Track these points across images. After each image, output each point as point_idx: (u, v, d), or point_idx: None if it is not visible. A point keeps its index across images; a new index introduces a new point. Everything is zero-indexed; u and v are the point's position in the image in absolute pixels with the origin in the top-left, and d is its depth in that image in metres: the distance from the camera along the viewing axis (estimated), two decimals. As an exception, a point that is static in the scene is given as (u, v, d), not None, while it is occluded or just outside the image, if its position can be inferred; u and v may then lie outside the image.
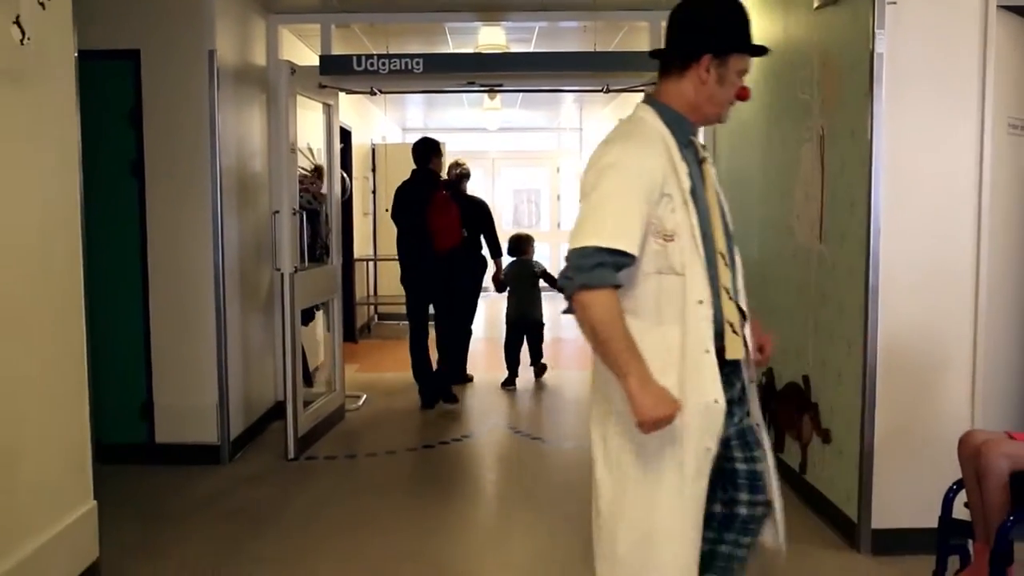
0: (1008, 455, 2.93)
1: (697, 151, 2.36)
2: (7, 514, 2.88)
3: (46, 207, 3.14)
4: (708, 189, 2.34)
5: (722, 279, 2.29)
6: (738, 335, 2.29)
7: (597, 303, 2.13)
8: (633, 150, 2.23)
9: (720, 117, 2.40)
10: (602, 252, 2.13)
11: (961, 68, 3.61)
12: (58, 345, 3.21)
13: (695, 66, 2.31)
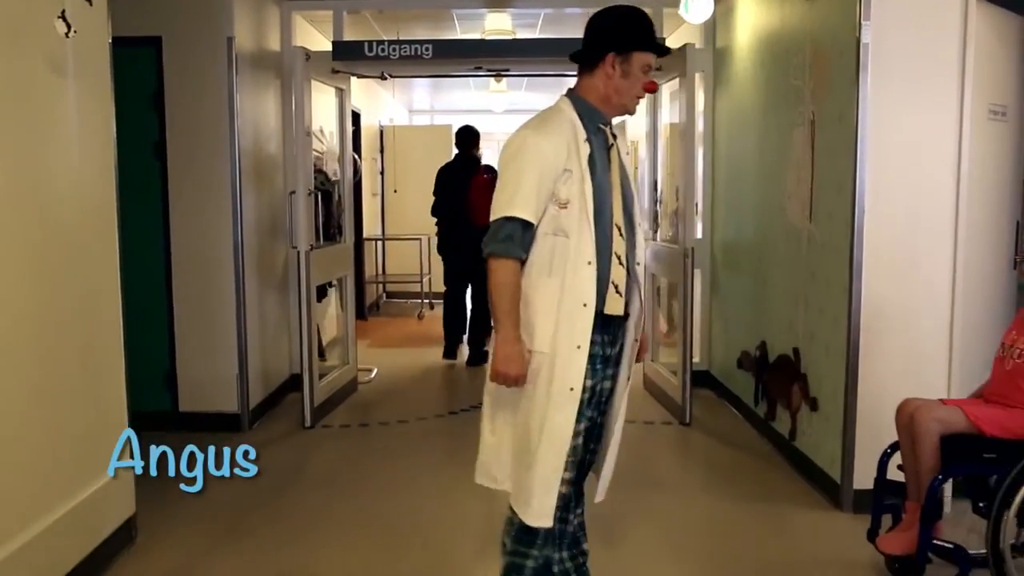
0: (938, 419, 3.13)
1: (607, 137, 2.75)
2: (57, 469, 3.14)
3: (88, 188, 3.39)
4: (613, 170, 2.72)
5: (614, 247, 2.68)
6: (620, 295, 2.68)
7: (500, 270, 2.61)
8: (538, 137, 2.64)
9: (628, 108, 2.78)
10: (510, 222, 2.59)
11: (942, 57, 3.82)
12: (98, 314, 3.45)
13: (602, 64, 2.70)
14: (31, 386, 2.97)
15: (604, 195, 2.70)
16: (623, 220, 2.72)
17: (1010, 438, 3.08)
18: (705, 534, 3.89)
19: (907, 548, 3.17)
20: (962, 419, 3.14)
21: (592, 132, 2.71)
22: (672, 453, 5.18)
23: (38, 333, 3.02)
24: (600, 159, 2.70)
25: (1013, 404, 3.16)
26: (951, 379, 3.93)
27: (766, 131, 5.15)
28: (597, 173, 2.68)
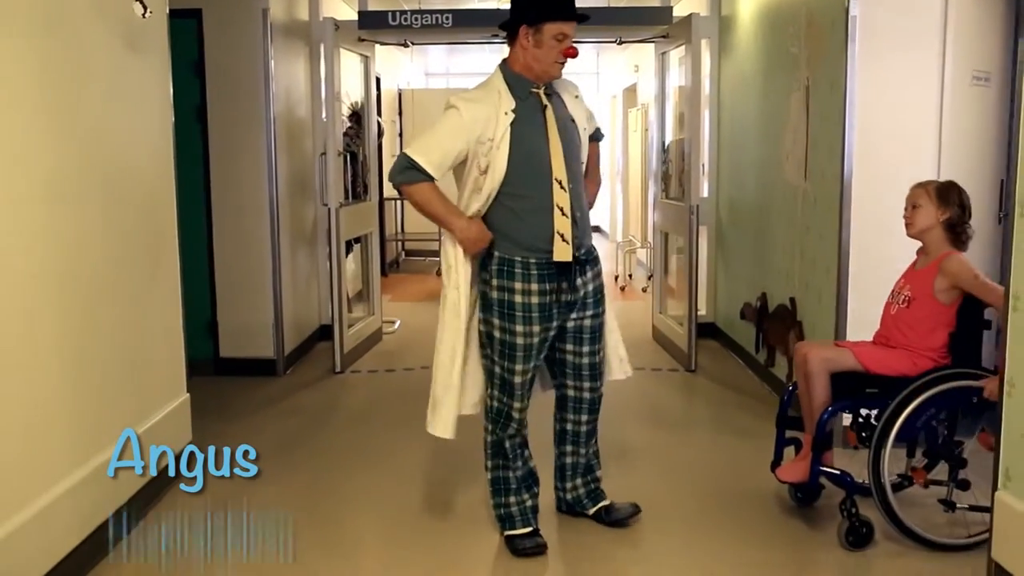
0: (827, 359, 3.37)
1: (540, 100, 3.11)
2: (142, 392, 3.55)
3: (153, 150, 3.78)
4: (550, 129, 3.10)
5: (556, 200, 3.08)
6: (567, 243, 3.08)
7: (413, 192, 3.12)
8: (469, 105, 3.07)
9: (551, 72, 3.10)
10: (412, 161, 3.07)
11: (925, 27, 4.14)
12: (161, 261, 3.86)
13: (519, 36, 3.07)
14: (105, 324, 3.36)
15: (538, 156, 3.07)
16: (565, 174, 3.08)
17: (890, 375, 3.32)
18: (705, 463, 4.27)
19: (801, 476, 3.40)
20: (850, 358, 3.36)
21: (521, 98, 3.08)
22: (678, 396, 5.59)
23: (116, 273, 3.41)
24: (531, 122, 3.08)
25: (895, 345, 3.38)
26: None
27: (766, 96, 5.48)
28: (527, 137, 3.06)
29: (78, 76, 3.14)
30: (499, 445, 3.33)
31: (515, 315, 3.15)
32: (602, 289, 3.35)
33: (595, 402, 3.42)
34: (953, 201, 3.32)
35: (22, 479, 2.78)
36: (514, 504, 3.35)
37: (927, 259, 3.38)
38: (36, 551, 2.80)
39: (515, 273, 3.14)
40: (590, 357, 3.34)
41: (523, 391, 3.25)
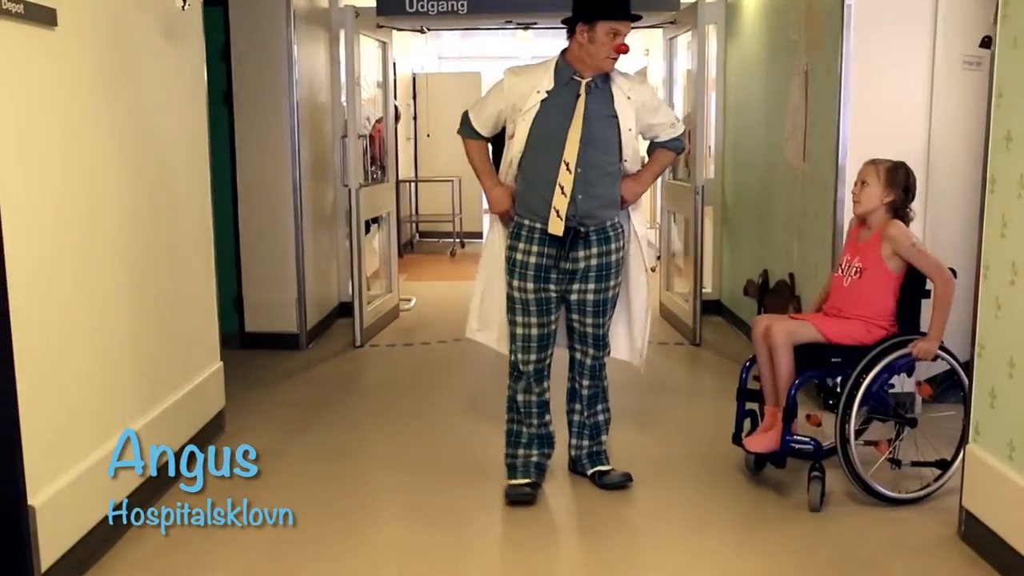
0: (790, 331, 3.50)
1: (578, 87, 3.41)
2: (183, 358, 3.83)
3: (190, 134, 4.05)
4: (576, 116, 3.39)
5: (560, 179, 3.39)
6: (560, 219, 3.40)
7: (467, 145, 3.64)
8: (510, 76, 3.51)
9: (603, 67, 3.40)
10: (466, 118, 3.60)
11: (916, 16, 4.36)
12: (197, 237, 4.13)
13: (576, 32, 3.38)
14: (149, 300, 3.64)
15: (554, 135, 3.39)
16: (575, 157, 3.38)
17: (848, 343, 3.48)
18: (708, 425, 4.52)
19: (770, 446, 3.52)
20: (811, 330, 3.50)
21: (562, 83, 3.41)
22: (683, 367, 5.86)
23: (161, 247, 3.69)
24: (560, 105, 3.39)
25: (849, 316, 3.53)
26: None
27: (769, 80, 5.71)
28: (551, 117, 3.39)
29: (126, 65, 3.41)
30: (513, 400, 3.67)
31: (515, 271, 3.52)
32: (612, 266, 3.57)
33: (595, 369, 3.70)
34: (899, 184, 3.48)
35: (94, 426, 3.06)
36: (520, 456, 3.67)
37: (869, 232, 3.54)
38: (106, 483, 3.08)
39: (521, 234, 3.51)
40: (593, 328, 3.61)
41: (527, 344, 3.57)
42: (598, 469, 3.75)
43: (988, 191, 3.03)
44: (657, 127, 3.62)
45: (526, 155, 3.46)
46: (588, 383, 3.71)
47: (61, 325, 2.93)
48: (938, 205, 4.50)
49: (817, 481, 3.43)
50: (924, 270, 3.44)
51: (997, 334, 2.99)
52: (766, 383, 3.61)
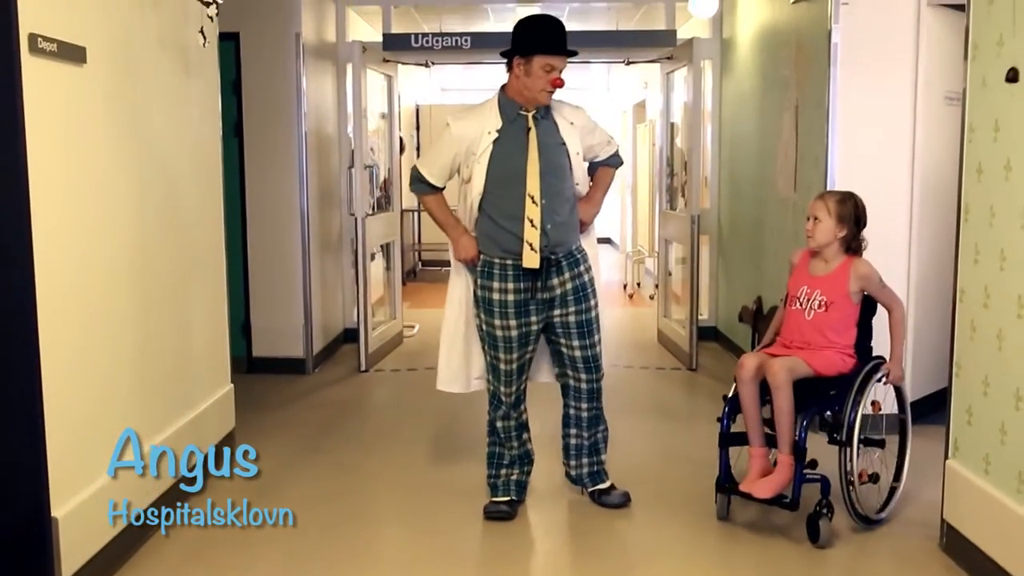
0: (791, 369, 3.37)
1: (526, 123, 3.48)
2: (196, 380, 3.98)
3: (204, 164, 4.23)
4: (531, 150, 3.46)
5: (527, 213, 3.46)
6: (535, 252, 3.46)
7: (423, 200, 3.72)
8: (459, 122, 3.55)
9: (540, 99, 3.47)
10: (418, 173, 3.65)
11: (899, 53, 4.56)
12: (210, 264, 4.30)
13: (512, 66, 3.47)
14: (164, 324, 3.80)
15: (514, 172, 3.45)
16: (539, 190, 3.45)
17: (837, 374, 3.46)
18: (703, 447, 4.65)
19: (780, 488, 3.38)
20: (803, 365, 3.40)
21: (509, 119, 3.47)
22: (679, 392, 6.00)
23: (175, 273, 3.86)
24: (513, 142, 3.46)
25: (819, 348, 3.46)
26: (907, 322, 4.69)
27: (762, 114, 5.91)
28: (506, 154, 3.45)
29: (147, 99, 3.60)
30: (493, 424, 3.77)
31: (493, 310, 3.57)
32: (588, 286, 3.64)
33: (592, 392, 3.77)
34: (849, 218, 3.46)
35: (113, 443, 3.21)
36: (501, 476, 3.79)
37: (828, 265, 3.52)
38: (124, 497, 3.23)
39: (494, 273, 3.55)
40: (582, 351, 3.68)
41: (509, 378, 3.65)
42: (599, 488, 3.85)
43: (962, 220, 3.20)
44: (596, 147, 3.73)
45: (486, 196, 3.50)
46: (587, 405, 3.78)
47: (83, 348, 3.09)
48: (923, 233, 4.67)
49: (827, 519, 3.38)
50: (885, 302, 3.54)
51: (972, 355, 3.15)
52: (753, 424, 3.52)
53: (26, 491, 2.82)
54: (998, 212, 2.96)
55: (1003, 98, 2.94)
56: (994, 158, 2.99)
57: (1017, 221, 2.84)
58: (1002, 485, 2.95)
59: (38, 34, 2.75)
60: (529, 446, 3.86)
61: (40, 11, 2.78)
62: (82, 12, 3.07)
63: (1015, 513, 2.85)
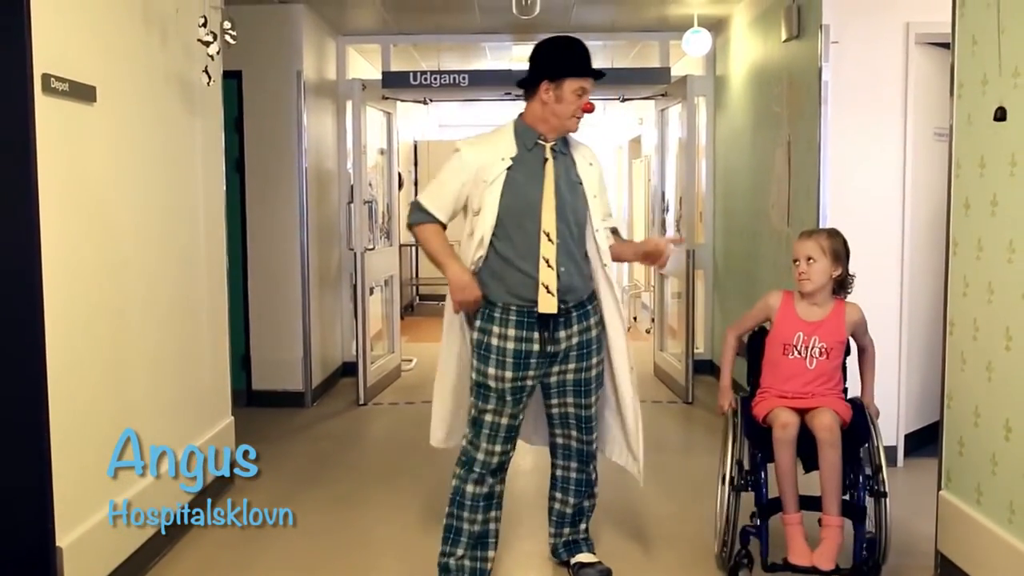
0: (838, 415, 3.13)
1: (544, 153, 3.16)
2: (198, 411, 4.03)
3: (209, 200, 4.31)
4: (546, 183, 3.13)
5: (543, 251, 3.09)
6: (552, 295, 3.08)
7: (419, 233, 3.22)
8: (467, 149, 3.19)
9: (568, 127, 3.18)
10: (419, 204, 3.22)
11: (888, 91, 4.67)
12: (213, 297, 4.36)
13: (538, 90, 3.14)
14: (169, 357, 3.86)
15: (528, 205, 3.10)
16: (555, 227, 3.09)
17: (850, 421, 3.24)
18: (700, 481, 4.71)
19: (835, 557, 3.10)
20: (837, 417, 3.16)
21: (526, 148, 3.15)
22: (675, 424, 6.05)
23: (180, 307, 3.92)
24: (528, 172, 3.12)
25: (822, 396, 3.25)
26: (901, 355, 4.76)
27: (755, 150, 6.01)
28: (521, 185, 3.11)
29: (153, 136, 3.68)
30: (459, 492, 3.24)
31: (489, 357, 3.14)
32: (593, 343, 3.26)
33: (584, 453, 3.39)
34: (842, 255, 3.31)
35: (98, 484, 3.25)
36: (455, 557, 3.27)
37: (822, 309, 3.32)
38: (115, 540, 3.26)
39: (495, 317, 3.14)
40: (576, 409, 3.30)
41: (493, 435, 3.18)
42: (579, 560, 3.46)
43: (951, 254, 3.27)
44: (608, 208, 3.38)
45: (500, 229, 3.12)
46: (577, 465, 3.41)
47: (89, 378, 3.14)
48: (914, 267, 4.75)
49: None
50: (865, 344, 3.42)
51: (963, 387, 3.21)
52: (793, 489, 3.17)
53: (32, 520, 2.86)
54: (985, 246, 3.04)
55: (988, 135, 3.02)
56: (980, 193, 3.07)
57: (1003, 255, 2.91)
58: (994, 515, 3.00)
59: (51, 74, 2.84)
60: (494, 526, 3.31)
61: (53, 52, 2.87)
62: (93, 53, 3.16)
63: (1007, 543, 2.90)
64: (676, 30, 6.81)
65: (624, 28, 7.08)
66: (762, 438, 3.29)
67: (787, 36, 5.16)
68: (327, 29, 6.82)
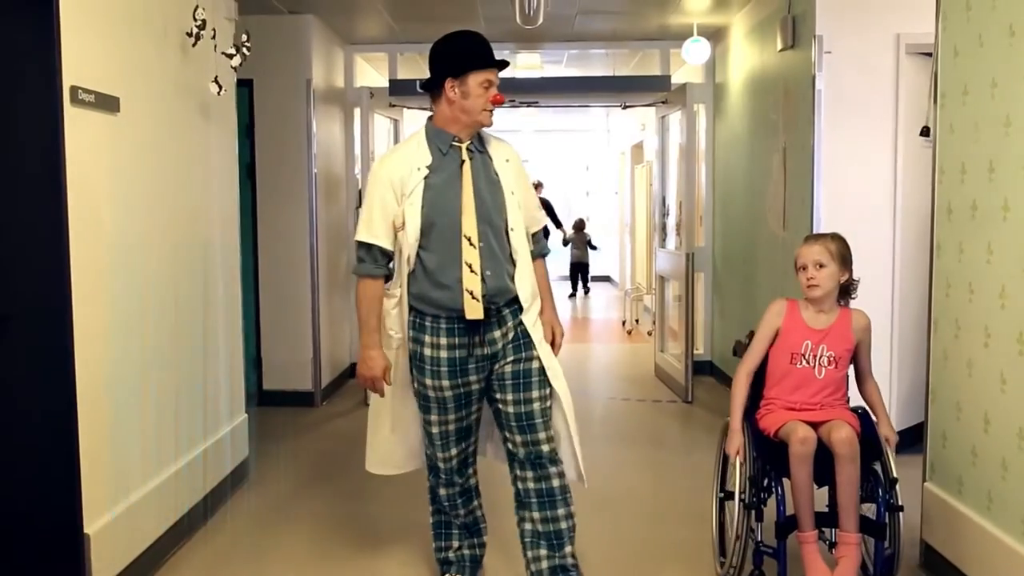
0: (855, 437, 3.02)
1: (460, 154, 3.03)
2: (215, 408, 4.19)
3: (223, 204, 4.47)
4: (464, 185, 3.00)
5: (466, 257, 2.98)
6: (478, 300, 2.97)
7: (359, 288, 3.09)
8: (381, 166, 3.07)
9: (481, 121, 3.03)
10: (360, 245, 3.05)
11: (879, 99, 4.83)
12: (228, 299, 4.52)
13: (443, 90, 3.00)
14: (188, 356, 4.02)
15: (450, 210, 2.98)
16: (476, 230, 2.98)
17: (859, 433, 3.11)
18: (698, 476, 4.86)
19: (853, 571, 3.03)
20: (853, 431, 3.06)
21: (441, 152, 3.01)
22: (675, 423, 6.19)
23: (197, 307, 4.08)
24: (446, 178, 3.00)
25: (833, 406, 3.19)
26: (892, 356, 4.91)
27: (752, 156, 6.17)
28: (439, 191, 2.98)
29: (171, 143, 3.85)
30: (434, 493, 3.31)
31: (424, 368, 3.07)
32: (527, 335, 3.11)
33: (533, 457, 3.09)
34: (848, 259, 3.21)
35: (144, 465, 3.42)
36: (452, 550, 3.35)
37: (828, 316, 3.22)
38: (138, 528, 3.43)
39: (425, 326, 3.06)
40: (515, 406, 3.08)
41: (445, 441, 3.16)
42: None
43: (935, 256, 3.42)
44: (530, 207, 3.23)
45: (424, 240, 3.00)
46: (531, 474, 3.11)
47: (116, 375, 3.31)
48: (905, 269, 4.90)
49: None
50: (867, 365, 3.33)
51: (945, 383, 3.36)
52: (810, 507, 3.06)
53: (61, 509, 3.02)
54: (966, 248, 3.19)
55: (968, 144, 3.18)
56: (962, 199, 3.22)
57: (983, 256, 3.07)
58: (974, 504, 3.15)
59: (79, 86, 3.01)
60: (479, 513, 3.37)
61: (80, 65, 3.04)
62: (117, 65, 3.33)
63: (985, 531, 3.04)
64: (676, 39, 6.98)
65: (626, 37, 7.24)
66: (772, 453, 3.15)
67: (783, 46, 5.32)
68: (335, 38, 7.00)
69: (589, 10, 6.36)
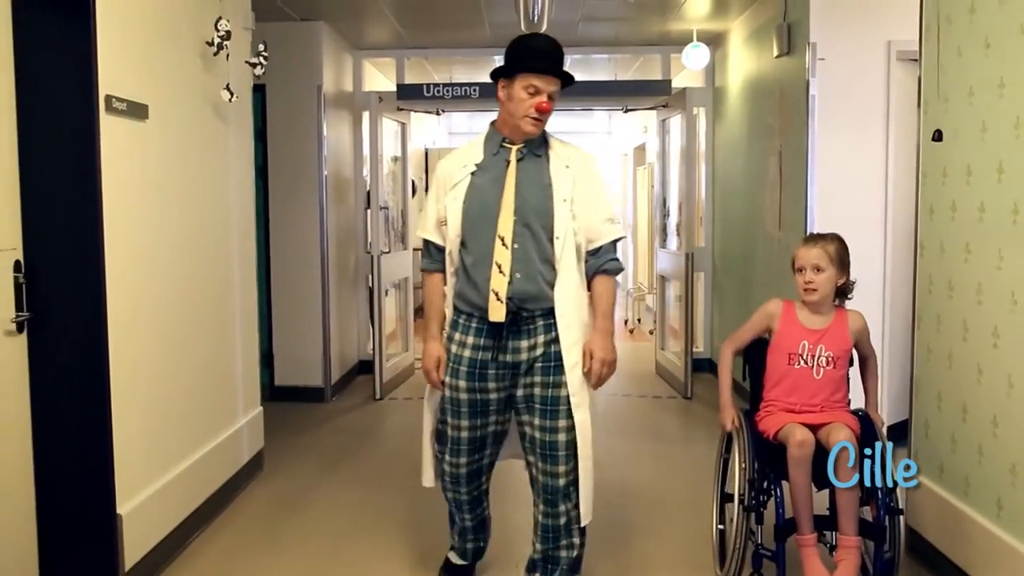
0: (853, 428, 3.06)
1: (508, 154, 3.01)
2: (232, 401, 4.38)
3: (240, 205, 4.67)
4: (507, 186, 2.97)
5: (497, 257, 2.92)
6: (501, 302, 2.91)
7: (423, 280, 3.20)
8: (443, 162, 3.13)
9: (523, 128, 2.95)
10: (423, 241, 3.15)
11: (871, 103, 5.02)
12: (244, 295, 4.72)
13: (498, 92, 3.01)
14: (208, 350, 4.22)
15: (488, 209, 2.95)
16: (511, 231, 2.93)
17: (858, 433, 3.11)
18: (697, 468, 5.06)
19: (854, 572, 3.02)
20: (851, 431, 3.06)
21: (492, 152, 3.02)
22: (675, 417, 6.39)
23: (218, 306, 4.28)
24: (491, 176, 2.99)
25: (832, 408, 3.19)
26: (883, 353, 5.09)
27: (750, 158, 6.36)
28: (482, 190, 2.98)
29: (194, 147, 4.05)
30: (445, 494, 3.31)
31: (449, 365, 3.05)
32: (559, 358, 2.98)
33: (548, 489, 3.03)
34: (847, 263, 3.21)
35: (170, 451, 3.62)
36: (459, 536, 3.44)
37: (825, 317, 3.23)
38: (167, 509, 3.63)
39: (459, 323, 3.04)
40: (541, 432, 3.01)
41: (453, 447, 3.11)
42: None
43: (919, 255, 3.61)
44: (594, 222, 3.05)
45: (464, 237, 3.00)
46: (545, 509, 3.08)
47: (144, 366, 3.51)
48: (896, 268, 5.08)
49: None
50: (868, 353, 3.35)
51: (928, 375, 3.54)
52: (808, 509, 3.05)
53: (96, 491, 3.22)
54: (946, 247, 3.38)
55: (948, 148, 3.36)
56: (942, 200, 3.41)
57: (961, 255, 3.25)
58: (953, 489, 3.34)
59: (112, 95, 3.21)
60: (486, 515, 3.39)
61: (113, 74, 3.23)
62: (147, 74, 3.53)
63: (964, 514, 3.23)
64: (677, 45, 7.18)
65: (627, 43, 7.44)
66: (772, 455, 3.14)
67: (779, 52, 5.51)
68: (345, 44, 7.20)
69: (592, 16, 6.55)
